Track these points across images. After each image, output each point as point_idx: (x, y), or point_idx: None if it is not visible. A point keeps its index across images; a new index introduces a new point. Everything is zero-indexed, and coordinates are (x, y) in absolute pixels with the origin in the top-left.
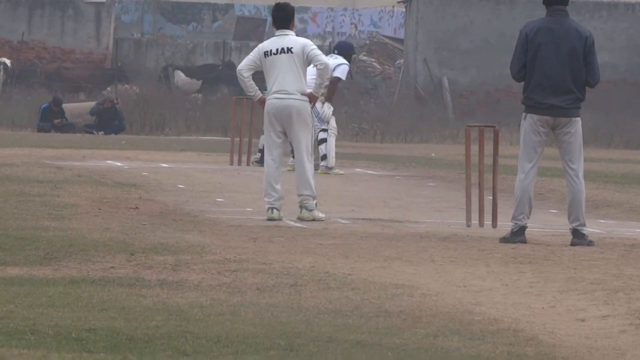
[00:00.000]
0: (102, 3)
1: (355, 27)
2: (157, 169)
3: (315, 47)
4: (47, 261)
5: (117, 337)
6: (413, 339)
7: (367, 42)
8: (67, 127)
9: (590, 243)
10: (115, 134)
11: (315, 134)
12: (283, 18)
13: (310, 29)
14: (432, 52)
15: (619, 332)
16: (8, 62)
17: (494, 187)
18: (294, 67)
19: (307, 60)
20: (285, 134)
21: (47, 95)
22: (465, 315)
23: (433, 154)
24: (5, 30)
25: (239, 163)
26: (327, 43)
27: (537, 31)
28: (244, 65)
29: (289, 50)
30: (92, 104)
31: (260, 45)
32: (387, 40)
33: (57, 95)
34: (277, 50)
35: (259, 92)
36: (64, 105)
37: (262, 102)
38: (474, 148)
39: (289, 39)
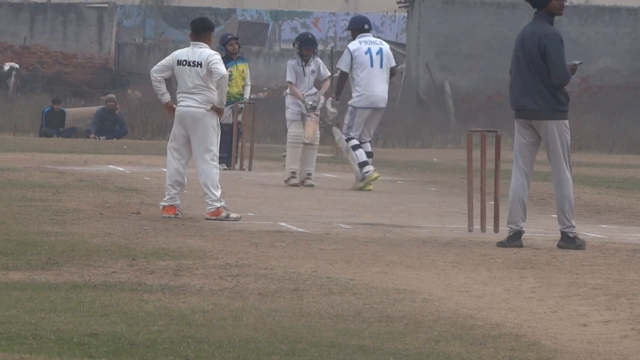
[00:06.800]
0: (105, 8)
1: None
2: (159, 173)
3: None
4: (49, 266)
5: (119, 342)
6: (415, 344)
7: None
8: (69, 132)
9: (579, 246)
10: (117, 138)
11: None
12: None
13: (312, 33)
14: (433, 56)
15: (621, 338)
16: (17, 66)
17: (495, 192)
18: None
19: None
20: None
21: (49, 100)
22: (467, 320)
23: (435, 159)
24: (8, 34)
25: (241, 168)
26: (328, 48)
27: (517, 36)
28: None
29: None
30: (94, 108)
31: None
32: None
33: (57, 97)
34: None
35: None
36: (68, 110)
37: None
38: (476, 153)
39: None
